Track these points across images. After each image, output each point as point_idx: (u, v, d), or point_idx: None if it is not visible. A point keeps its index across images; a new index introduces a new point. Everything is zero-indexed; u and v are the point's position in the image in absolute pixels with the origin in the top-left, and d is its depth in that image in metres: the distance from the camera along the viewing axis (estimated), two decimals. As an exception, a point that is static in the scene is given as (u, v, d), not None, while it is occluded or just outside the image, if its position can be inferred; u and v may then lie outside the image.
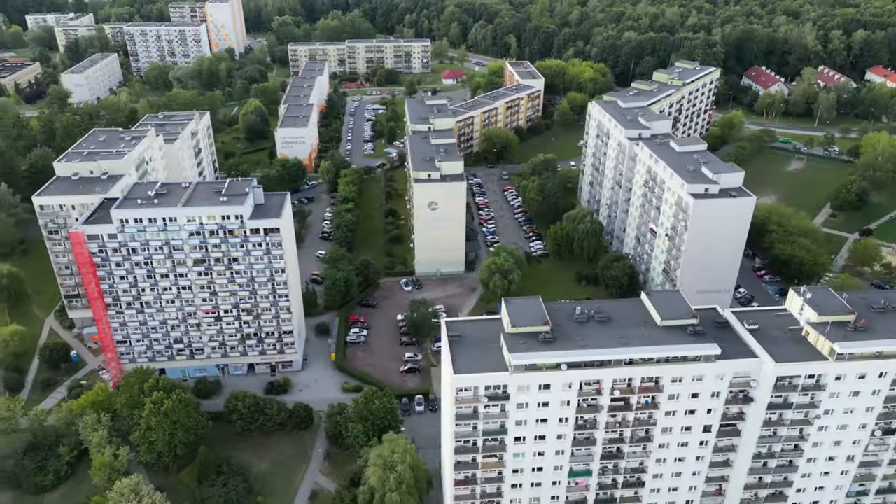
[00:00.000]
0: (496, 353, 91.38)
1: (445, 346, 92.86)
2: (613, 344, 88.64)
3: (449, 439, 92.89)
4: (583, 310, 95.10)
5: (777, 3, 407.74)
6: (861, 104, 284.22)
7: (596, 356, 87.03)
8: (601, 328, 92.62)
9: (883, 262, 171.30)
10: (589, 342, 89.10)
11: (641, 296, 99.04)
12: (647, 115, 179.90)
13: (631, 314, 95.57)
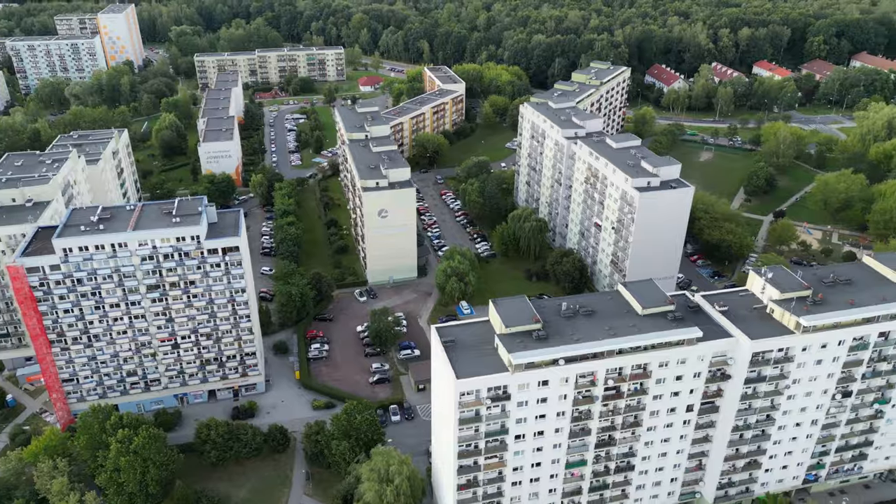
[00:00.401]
0: (492, 355, 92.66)
1: (442, 352, 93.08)
2: (604, 336, 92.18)
3: (452, 444, 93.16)
4: (569, 305, 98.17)
5: (668, 5, 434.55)
6: (754, 96, 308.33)
7: (591, 349, 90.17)
8: (588, 321, 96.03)
9: (798, 240, 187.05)
10: (581, 336, 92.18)
11: (618, 287, 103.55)
12: (579, 115, 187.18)
13: (613, 306, 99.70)
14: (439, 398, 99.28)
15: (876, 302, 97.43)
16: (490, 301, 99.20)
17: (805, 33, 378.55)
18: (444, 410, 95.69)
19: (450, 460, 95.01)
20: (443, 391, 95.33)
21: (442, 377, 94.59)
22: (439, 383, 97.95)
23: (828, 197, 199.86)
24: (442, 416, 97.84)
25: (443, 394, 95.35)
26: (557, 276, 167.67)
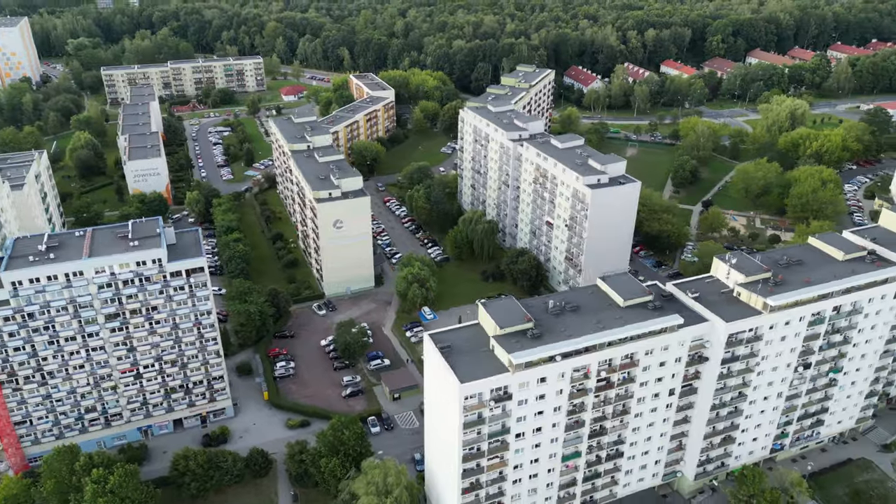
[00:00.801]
0: (488, 357, 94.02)
1: (440, 359, 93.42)
2: (594, 329, 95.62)
3: (455, 449, 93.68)
4: (556, 302, 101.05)
5: (578, 9, 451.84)
6: (667, 93, 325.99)
7: (585, 343, 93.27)
8: (576, 317, 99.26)
9: (728, 227, 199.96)
10: (573, 331, 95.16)
11: (597, 281, 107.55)
12: (520, 118, 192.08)
13: (595, 300, 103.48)
14: (437, 405, 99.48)
15: (828, 279, 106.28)
16: (479, 304, 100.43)
17: (704, 33, 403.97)
18: (444, 416, 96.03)
19: (453, 465, 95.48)
20: (442, 397, 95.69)
21: (441, 383, 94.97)
22: (437, 390, 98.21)
23: (748, 185, 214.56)
24: (442, 421, 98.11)
25: (443, 400, 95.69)
26: (514, 275, 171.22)
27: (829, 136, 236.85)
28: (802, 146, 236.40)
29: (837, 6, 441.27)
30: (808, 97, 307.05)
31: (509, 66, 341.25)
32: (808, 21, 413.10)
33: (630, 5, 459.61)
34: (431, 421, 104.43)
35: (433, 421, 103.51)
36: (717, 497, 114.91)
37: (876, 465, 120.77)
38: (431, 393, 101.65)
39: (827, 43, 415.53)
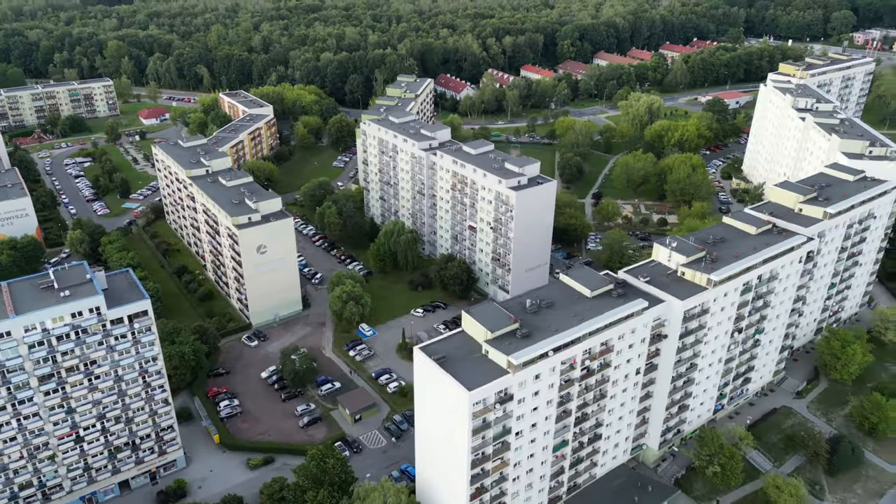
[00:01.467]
0: (482, 362, 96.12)
1: (438, 370, 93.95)
2: (574, 322, 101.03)
3: (464, 457, 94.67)
4: (532, 301, 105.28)
5: (435, 19, 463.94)
6: (534, 96, 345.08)
7: (572, 336, 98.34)
8: (554, 312, 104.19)
9: (622, 215, 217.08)
10: (557, 326, 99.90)
11: (561, 277, 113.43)
12: (427, 127, 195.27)
13: (564, 294, 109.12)
14: (435, 415, 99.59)
15: (750, 252, 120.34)
16: (463, 312, 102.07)
17: (555, 38, 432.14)
18: (447, 426, 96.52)
19: (460, 473, 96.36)
20: (443, 407, 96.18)
21: (441, 394, 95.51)
22: (435, 401, 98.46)
23: (629, 175, 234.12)
24: (443, 431, 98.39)
25: (444, 410, 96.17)
26: (444, 281, 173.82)
27: (686, 127, 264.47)
28: (666, 137, 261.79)
29: (662, 10, 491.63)
30: (654, 93, 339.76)
31: (382, 77, 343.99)
32: (641, 24, 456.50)
33: (482, 14, 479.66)
34: (426, 433, 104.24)
35: (429, 432, 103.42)
36: (678, 460, 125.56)
37: (795, 410, 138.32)
38: (426, 405, 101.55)
39: (658, 43, 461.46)
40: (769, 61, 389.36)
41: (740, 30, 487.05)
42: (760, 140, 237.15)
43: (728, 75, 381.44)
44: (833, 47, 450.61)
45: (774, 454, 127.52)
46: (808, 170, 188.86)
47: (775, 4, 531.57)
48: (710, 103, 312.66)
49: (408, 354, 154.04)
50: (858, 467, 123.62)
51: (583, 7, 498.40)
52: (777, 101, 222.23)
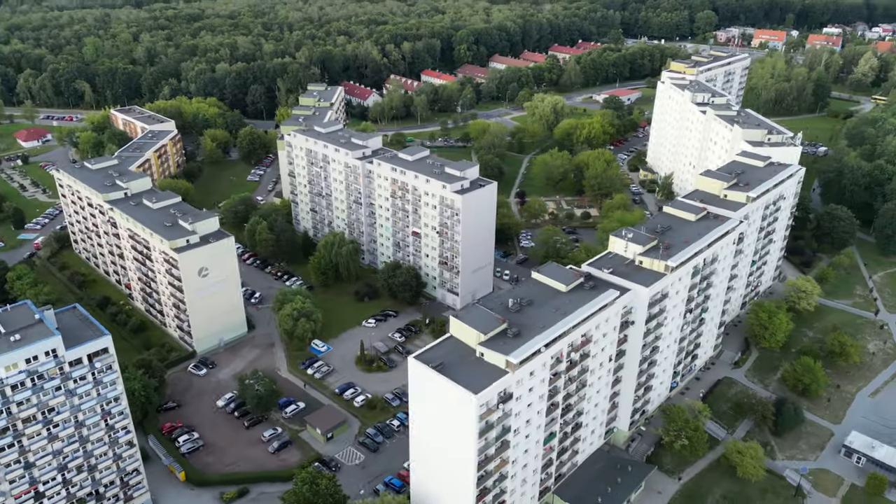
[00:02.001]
0: (478, 364, 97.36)
1: (439, 378, 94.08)
2: (558, 316, 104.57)
3: (470, 461, 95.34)
4: (513, 300, 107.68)
5: (331, 26, 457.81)
6: (441, 100, 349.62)
7: (560, 330, 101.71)
8: (535, 309, 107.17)
9: (548, 212, 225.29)
10: (544, 322, 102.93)
11: (533, 275, 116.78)
12: (357, 136, 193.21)
13: (540, 291, 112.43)
14: (435, 423, 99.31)
15: (695, 238, 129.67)
16: (451, 317, 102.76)
17: (451, 42, 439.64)
18: (451, 431, 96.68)
19: (466, 477, 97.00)
20: (446, 414, 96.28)
21: (442, 401, 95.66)
22: (434, 409, 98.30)
23: (548, 173, 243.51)
24: (446, 438, 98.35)
25: (447, 416, 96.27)
26: (393, 289, 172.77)
27: (592, 124, 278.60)
28: (575, 134, 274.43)
29: (548, 13, 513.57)
30: (552, 93, 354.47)
31: (285, 87, 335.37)
32: (531, 27, 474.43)
33: (376, 20, 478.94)
34: (423, 442, 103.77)
35: (427, 441, 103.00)
36: (646, 438, 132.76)
37: (736, 380, 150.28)
38: (424, 413, 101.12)
39: (547, 45, 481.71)
40: (650, 60, 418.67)
41: (619, 31, 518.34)
42: (662, 133, 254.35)
43: (616, 74, 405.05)
44: (701, 45, 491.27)
45: (726, 422, 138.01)
46: (712, 158, 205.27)
47: (646, 7, 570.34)
48: (607, 101, 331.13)
49: (368, 367, 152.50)
50: (800, 426, 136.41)
51: (474, 12, 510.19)
52: (676, 97, 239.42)
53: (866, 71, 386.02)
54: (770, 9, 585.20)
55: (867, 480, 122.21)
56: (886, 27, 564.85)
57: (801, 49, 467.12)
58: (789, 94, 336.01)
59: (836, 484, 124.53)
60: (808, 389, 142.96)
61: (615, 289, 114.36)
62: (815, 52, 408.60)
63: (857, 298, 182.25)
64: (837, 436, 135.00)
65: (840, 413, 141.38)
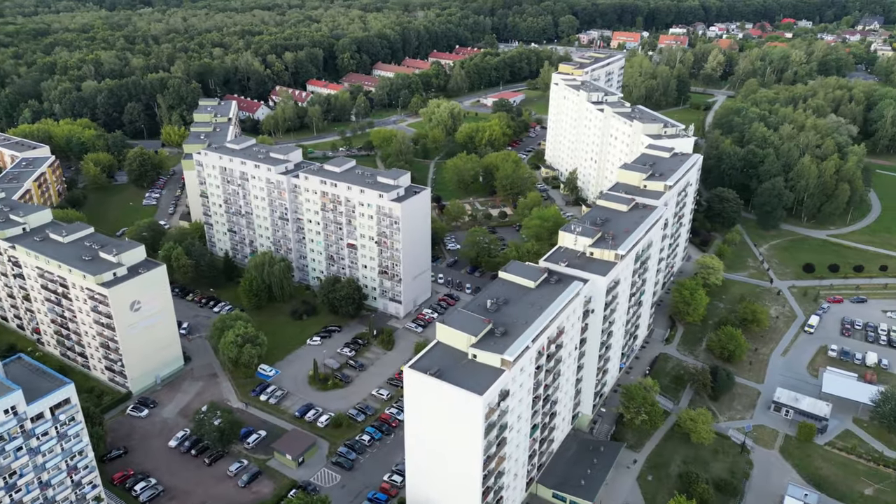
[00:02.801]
0: (473, 367, 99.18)
1: (439, 385, 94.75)
2: (536, 311, 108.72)
3: (476, 463, 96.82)
4: (491, 301, 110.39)
5: (203, 38, 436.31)
6: (334, 110, 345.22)
7: (543, 324, 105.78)
8: (513, 307, 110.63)
9: (467, 214, 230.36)
10: (525, 319, 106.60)
11: (500, 274, 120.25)
12: (276, 150, 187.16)
13: (512, 290, 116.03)
14: (438, 431, 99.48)
15: (633, 227, 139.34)
16: (438, 324, 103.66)
17: (334, 51, 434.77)
18: (455, 437, 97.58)
19: (472, 481, 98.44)
20: (448, 420, 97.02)
21: (444, 407, 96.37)
22: (435, 417, 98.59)
23: (461, 176, 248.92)
24: (449, 445, 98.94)
25: (450, 422, 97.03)
26: (334, 303, 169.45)
27: (491, 127, 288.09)
28: (477, 137, 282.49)
29: (423, 21, 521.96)
30: (443, 98, 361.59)
31: (166, 104, 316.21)
32: (410, 35, 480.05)
33: (250, 31, 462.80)
34: (423, 450, 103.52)
35: (427, 449, 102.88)
36: (606, 419, 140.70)
37: (669, 354, 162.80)
38: (422, 422, 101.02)
39: (427, 52, 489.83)
40: (527, 63, 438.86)
41: (493, 36, 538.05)
42: (559, 132, 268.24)
43: (498, 77, 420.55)
44: (568, 48, 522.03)
45: (671, 394, 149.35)
46: (613, 153, 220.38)
47: (513, 13, 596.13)
48: (498, 104, 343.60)
49: (323, 385, 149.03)
50: (732, 389, 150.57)
51: (350, 21, 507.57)
52: (571, 97, 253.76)
53: (715, 66, 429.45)
54: (622, 12, 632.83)
55: (798, 430, 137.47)
56: (721, 26, 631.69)
57: (655, 48, 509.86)
58: (657, 90, 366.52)
59: (772, 437, 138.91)
60: (732, 355, 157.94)
61: (578, 280, 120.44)
62: (671, 52, 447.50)
63: (752, 270, 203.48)
64: (764, 394, 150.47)
65: (761, 373, 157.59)
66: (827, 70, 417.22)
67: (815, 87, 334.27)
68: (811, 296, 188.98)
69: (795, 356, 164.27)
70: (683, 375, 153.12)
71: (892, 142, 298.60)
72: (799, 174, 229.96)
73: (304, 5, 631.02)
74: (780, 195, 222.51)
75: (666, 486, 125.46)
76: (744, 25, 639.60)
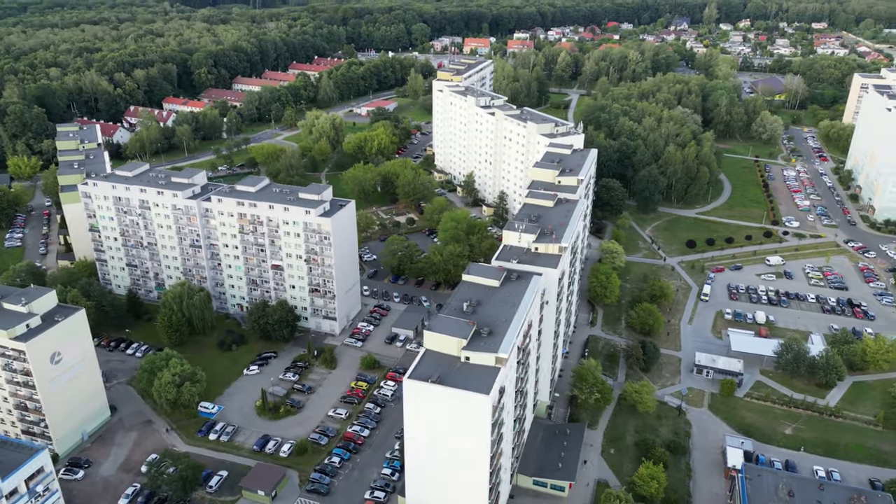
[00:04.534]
0: (467, 369, 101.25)
1: (443, 391, 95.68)
2: (511, 308, 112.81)
3: (483, 463, 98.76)
4: (467, 303, 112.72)
5: (34, 57, 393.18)
6: (203, 128, 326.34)
7: (520, 321, 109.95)
8: (488, 307, 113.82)
9: (376, 223, 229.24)
10: (504, 317, 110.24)
11: (464, 277, 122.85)
12: (177, 175, 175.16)
13: (480, 291, 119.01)
14: (443, 437, 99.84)
15: (567, 221, 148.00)
16: (424, 332, 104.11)
17: (188, 66, 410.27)
18: (462, 442, 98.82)
19: (481, 478, 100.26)
20: (454, 425, 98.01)
21: (450, 413, 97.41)
22: (440, 423, 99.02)
23: (362, 186, 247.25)
24: (456, 449, 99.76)
25: (455, 427, 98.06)
26: (266, 328, 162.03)
27: (379, 136, 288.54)
28: (366, 147, 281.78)
29: (279, 32, 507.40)
30: (316, 110, 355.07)
31: (8, 133, 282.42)
32: (267, 47, 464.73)
33: (87, 48, 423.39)
34: (425, 459, 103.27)
35: (430, 457, 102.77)
36: (560, 403, 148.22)
37: (597, 336, 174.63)
38: (425, 431, 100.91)
39: (286, 64, 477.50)
40: (392, 72, 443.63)
41: (352, 46, 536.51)
42: (448, 137, 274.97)
43: (367, 86, 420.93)
44: (424, 55, 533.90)
45: (608, 371, 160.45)
46: (509, 154, 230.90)
47: (365, 22, 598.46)
48: (376, 113, 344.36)
49: (275, 414, 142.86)
50: (659, 359, 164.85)
51: (199, 35, 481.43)
52: (459, 102, 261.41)
53: (564, 67, 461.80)
54: (468, 19, 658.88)
55: (721, 387, 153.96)
56: (558, 30, 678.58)
57: (505, 54, 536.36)
58: (521, 92, 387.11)
59: (699, 396, 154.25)
60: (651, 329, 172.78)
61: (535, 275, 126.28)
62: (524, 55, 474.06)
63: (644, 251, 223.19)
64: (684, 359, 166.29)
65: (677, 342, 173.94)
66: (658, 67, 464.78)
67: (659, 82, 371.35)
68: (698, 268, 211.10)
69: (700, 322, 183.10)
70: (615, 353, 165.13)
71: (727, 127, 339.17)
72: (667, 161, 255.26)
73: (135, 18, 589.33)
74: (656, 181, 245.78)
75: (627, 456, 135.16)
76: (577, 29, 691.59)
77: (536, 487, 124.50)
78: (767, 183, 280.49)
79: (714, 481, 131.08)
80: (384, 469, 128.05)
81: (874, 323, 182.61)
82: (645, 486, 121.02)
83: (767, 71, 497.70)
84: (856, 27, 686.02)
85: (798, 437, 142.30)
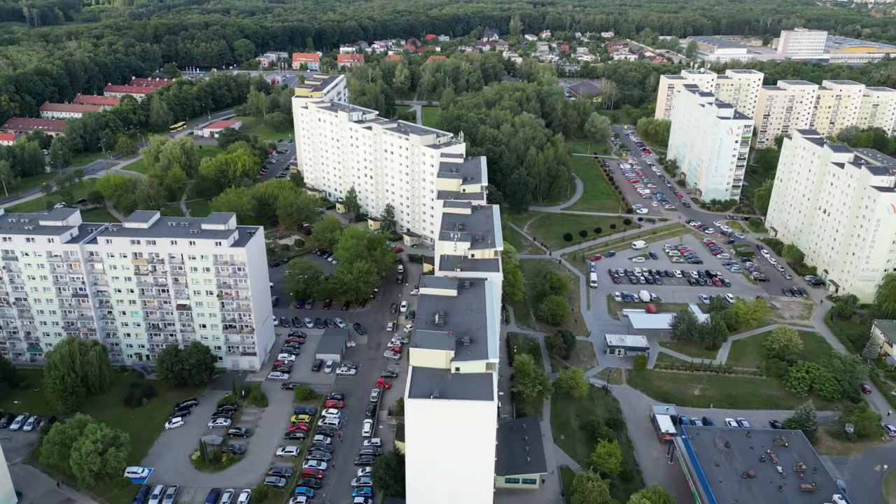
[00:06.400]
0: (459, 379, 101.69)
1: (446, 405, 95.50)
2: (478, 315, 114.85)
3: (488, 467, 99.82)
4: (437, 316, 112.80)
5: None
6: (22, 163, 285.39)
7: (494, 325, 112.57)
8: (455, 315, 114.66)
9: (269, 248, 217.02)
10: (476, 324, 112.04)
11: (421, 290, 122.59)
12: (44, 217, 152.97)
13: (443, 302, 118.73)
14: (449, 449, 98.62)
15: (492, 226, 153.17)
16: (410, 349, 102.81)
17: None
18: (467, 448, 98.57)
19: (485, 486, 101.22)
20: (460, 435, 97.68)
21: (455, 424, 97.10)
22: (446, 436, 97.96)
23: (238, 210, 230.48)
24: (462, 458, 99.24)
25: (461, 437, 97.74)
26: (182, 375, 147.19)
27: (241, 157, 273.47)
28: (230, 170, 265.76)
29: (86, 52, 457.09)
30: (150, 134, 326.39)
31: None
32: (76, 70, 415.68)
33: None
34: (427, 479, 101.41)
35: (433, 475, 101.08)
36: (504, 399, 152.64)
37: (515, 332, 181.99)
38: (427, 449, 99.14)
39: (101, 86, 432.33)
40: (228, 90, 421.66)
41: (174, 65, 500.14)
42: (319, 154, 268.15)
43: (202, 106, 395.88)
44: (252, 71, 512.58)
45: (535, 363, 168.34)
46: (391, 167, 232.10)
47: (181, 39, 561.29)
48: (225, 134, 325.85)
49: (217, 465, 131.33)
50: (576, 346, 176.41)
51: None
52: (328, 118, 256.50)
53: (403, 80, 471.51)
54: (292, 34, 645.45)
55: (634, 363, 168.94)
56: (381, 43, 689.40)
57: (336, 67, 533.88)
58: (371, 105, 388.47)
59: (618, 374, 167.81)
60: (561, 319, 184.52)
61: (484, 280, 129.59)
62: (361, 69, 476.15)
63: (528, 248, 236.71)
64: (595, 343, 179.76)
65: (584, 328, 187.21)
66: (488, 76, 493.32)
67: (500, 90, 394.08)
68: (579, 258, 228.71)
69: (596, 307, 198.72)
70: (536, 345, 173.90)
71: (564, 128, 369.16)
72: (531, 163, 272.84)
73: None
74: (526, 183, 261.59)
75: (577, 440, 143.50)
76: (399, 42, 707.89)
77: (510, 485, 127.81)
78: (612, 176, 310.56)
79: (652, 447, 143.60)
80: (356, 498, 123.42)
81: (731, 289, 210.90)
82: (605, 463, 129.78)
83: (578, 76, 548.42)
84: (637, 35, 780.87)
85: (706, 396, 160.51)
